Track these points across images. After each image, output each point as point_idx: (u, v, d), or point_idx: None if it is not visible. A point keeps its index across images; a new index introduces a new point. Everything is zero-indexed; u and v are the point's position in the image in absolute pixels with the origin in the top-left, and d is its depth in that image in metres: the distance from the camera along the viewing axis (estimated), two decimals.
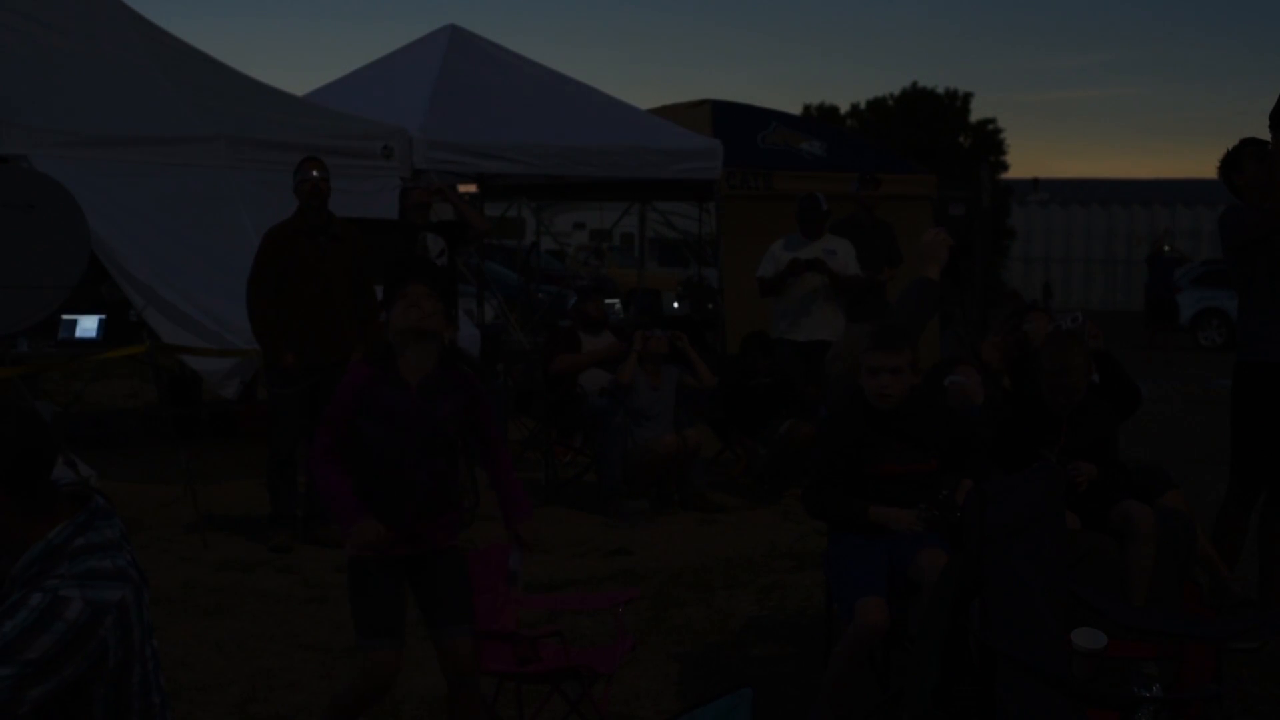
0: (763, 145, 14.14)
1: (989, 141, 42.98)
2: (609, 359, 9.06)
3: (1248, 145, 6.09)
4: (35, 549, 2.69)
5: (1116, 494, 5.53)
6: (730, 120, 14.27)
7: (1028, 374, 5.91)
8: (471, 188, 15.03)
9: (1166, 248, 23.52)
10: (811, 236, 9.78)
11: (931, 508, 4.67)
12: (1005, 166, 42.96)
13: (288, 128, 10.45)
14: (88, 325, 10.48)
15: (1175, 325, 22.35)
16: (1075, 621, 4.03)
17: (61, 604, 2.61)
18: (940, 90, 43.32)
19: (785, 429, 9.16)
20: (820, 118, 39.25)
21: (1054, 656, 3.83)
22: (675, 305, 21.63)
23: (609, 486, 8.68)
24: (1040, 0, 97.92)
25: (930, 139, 40.02)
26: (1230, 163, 6.15)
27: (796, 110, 35.06)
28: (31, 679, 2.58)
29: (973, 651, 3.73)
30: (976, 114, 46.68)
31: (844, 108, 44.11)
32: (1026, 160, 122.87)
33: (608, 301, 14.09)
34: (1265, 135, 5.89)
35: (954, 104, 43.14)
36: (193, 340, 9.05)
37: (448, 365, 4.25)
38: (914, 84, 44.07)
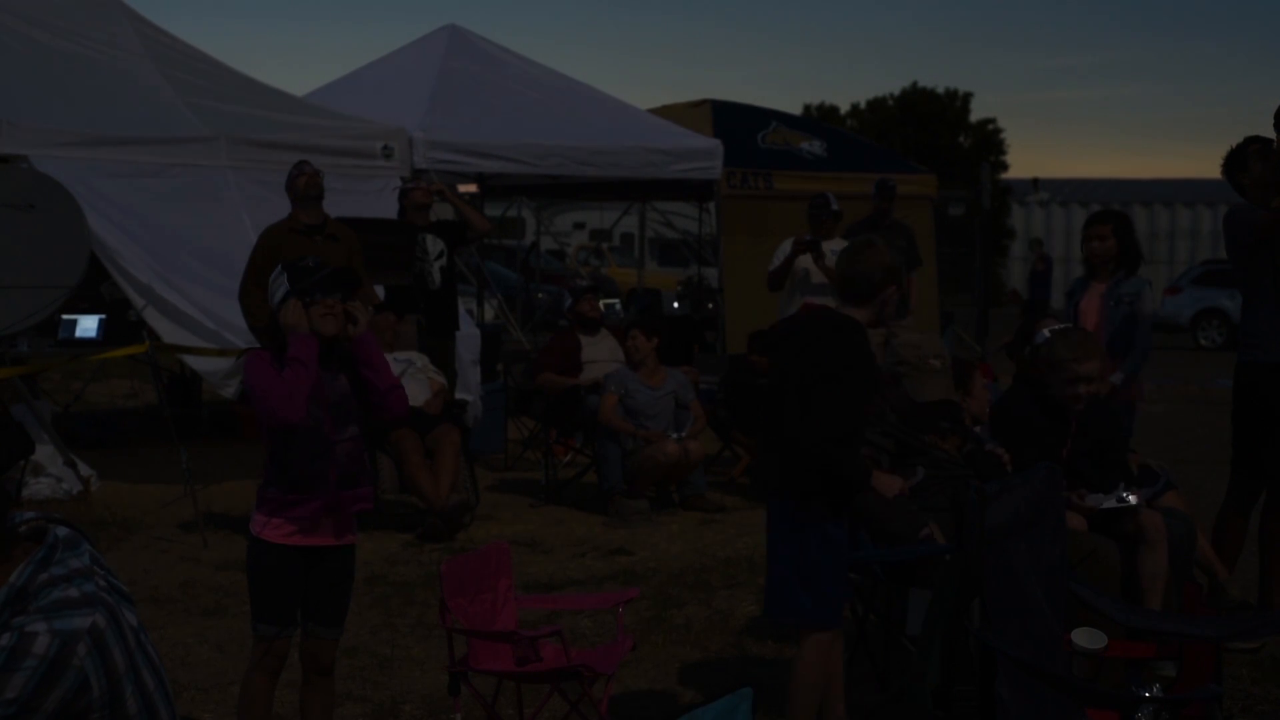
0: (763, 145, 14.15)
1: (989, 141, 42.97)
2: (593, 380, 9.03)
3: (1252, 143, 6.07)
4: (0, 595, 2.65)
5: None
6: (730, 120, 14.27)
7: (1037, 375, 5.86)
8: (471, 188, 15.03)
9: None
10: (822, 236, 9.75)
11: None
12: (1005, 166, 42.97)
13: (288, 128, 10.44)
14: (88, 325, 10.46)
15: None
16: (1075, 621, 4.03)
17: (28, 640, 2.57)
18: (940, 90, 43.36)
19: None
20: (820, 118, 39.25)
21: (1054, 656, 3.83)
22: (675, 305, 21.66)
23: (609, 486, 8.68)
24: (1040, 0, 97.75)
25: (930, 139, 40.03)
26: (1234, 161, 6.12)
27: (796, 110, 34.98)
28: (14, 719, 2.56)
29: (973, 651, 3.73)
30: (976, 114, 46.69)
31: (844, 108, 44.12)
32: (1026, 160, 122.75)
33: (607, 301, 14.15)
34: (1267, 133, 5.88)
35: (954, 104, 43.13)
36: (193, 340, 9.04)
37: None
38: (914, 84, 44.10)
